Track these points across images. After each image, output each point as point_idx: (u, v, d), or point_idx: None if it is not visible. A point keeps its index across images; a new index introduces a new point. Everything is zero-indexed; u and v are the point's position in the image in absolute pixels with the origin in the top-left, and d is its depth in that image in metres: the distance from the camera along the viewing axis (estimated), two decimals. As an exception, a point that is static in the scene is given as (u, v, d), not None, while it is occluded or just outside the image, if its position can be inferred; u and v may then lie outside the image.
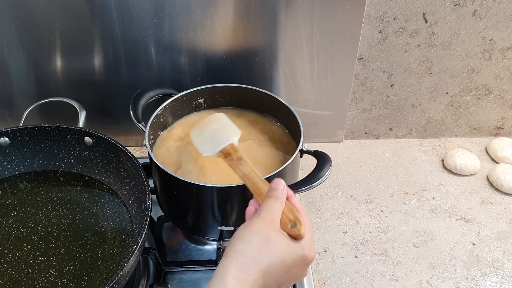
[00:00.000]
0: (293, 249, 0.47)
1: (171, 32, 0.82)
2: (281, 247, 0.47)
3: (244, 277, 0.44)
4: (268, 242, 0.46)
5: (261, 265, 0.45)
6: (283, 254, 0.46)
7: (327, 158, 0.67)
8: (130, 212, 0.74)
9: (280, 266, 0.46)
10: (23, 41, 0.82)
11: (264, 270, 0.45)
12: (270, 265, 0.46)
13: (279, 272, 0.46)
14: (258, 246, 0.46)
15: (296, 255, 0.47)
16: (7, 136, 0.76)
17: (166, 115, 0.79)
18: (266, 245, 0.46)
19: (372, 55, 0.89)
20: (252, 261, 0.45)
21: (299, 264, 0.48)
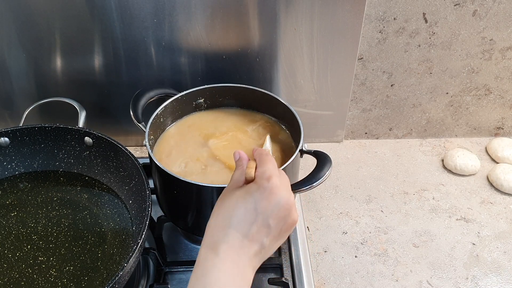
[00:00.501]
0: (246, 189, 0.51)
1: (171, 32, 0.82)
2: (234, 199, 0.51)
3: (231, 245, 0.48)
4: (223, 205, 0.51)
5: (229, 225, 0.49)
6: (238, 201, 0.50)
7: (327, 158, 0.67)
8: (130, 212, 0.74)
9: (245, 213, 0.49)
10: (23, 41, 0.82)
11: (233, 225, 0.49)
12: (238, 220, 0.49)
13: (249, 219, 0.49)
14: (222, 214, 0.51)
15: (251, 192, 0.50)
16: (7, 136, 0.76)
17: (166, 115, 0.79)
18: (226, 208, 0.51)
19: (372, 55, 0.89)
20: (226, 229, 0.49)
21: (260, 197, 0.49)
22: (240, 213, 0.49)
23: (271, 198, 0.50)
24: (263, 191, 0.50)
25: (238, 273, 0.48)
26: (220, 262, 0.47)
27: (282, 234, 0.51)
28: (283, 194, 0.50)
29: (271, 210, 0.49)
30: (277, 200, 0.50)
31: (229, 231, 0.49)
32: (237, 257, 0.48)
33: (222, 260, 0.48)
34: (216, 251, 0.48)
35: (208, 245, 0.49)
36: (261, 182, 0.50)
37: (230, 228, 0.49)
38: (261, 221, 0.49)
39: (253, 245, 0.49)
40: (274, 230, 0.50)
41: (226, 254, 0.48)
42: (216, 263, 0.47)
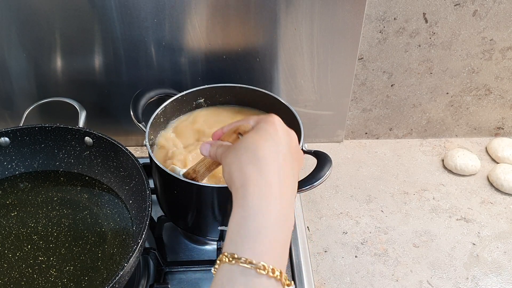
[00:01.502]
0: (256, 131, 0.49)
1: (171, 32, 0.82)
2: (247, 138, 0.49)
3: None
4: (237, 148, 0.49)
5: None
6: (252, 137, 0.48)
7: (327, 158, 0.67)
8: (130, 212, 0.74)
9: (263, 144, 0.47)
10: (23, 41, 0.82)
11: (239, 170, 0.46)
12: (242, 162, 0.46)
13: (271, 148, 0.47)
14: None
15: (259, 130, 0.49)
16: (7, 136, 0.76)
17: (166, 115, 0.79)
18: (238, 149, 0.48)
19: (373, 55, 0.89)
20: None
21: (272, 129, 0.49)
22: (263, 146, 0.47)
23: (281, 129, 0.50)
24: (271, 124, 0.49)
25: (284, 215, 0.44)
26: (264, 202, 0.43)
27: (297, 167, 0.51)
28: (288, 129, 0.51)
29: (285, 139, 0.49)
30: (285, 131, 0.50)
31: (262, 165, 0.45)
32: (279, 194, 0.44)
33: (266, 199, 0.44)
34: (257, 188, 0.44)
35: (244, 183, 0.45)
36: (265, 119, 0.50)
37: (261, 162, 0.46)
38: (283, 150, 0.47)
39: (287, 177, 0.46)
40: (294, 161, 0.49)
41: (268, 191, 0.44)
42: (260, 204, 0.43)
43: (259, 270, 0.40)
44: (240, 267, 0.40)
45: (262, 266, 0.40)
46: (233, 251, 0.41)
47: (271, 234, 0.42)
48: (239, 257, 0.41)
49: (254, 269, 0.40)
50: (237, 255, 0.41)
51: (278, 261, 0.41)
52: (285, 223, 0.44)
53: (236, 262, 0.40)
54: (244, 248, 0.41)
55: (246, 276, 0.40)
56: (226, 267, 0.41)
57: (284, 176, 0.46)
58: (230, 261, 0.41)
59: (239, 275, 0.40)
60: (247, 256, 0.41)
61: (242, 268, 0.40)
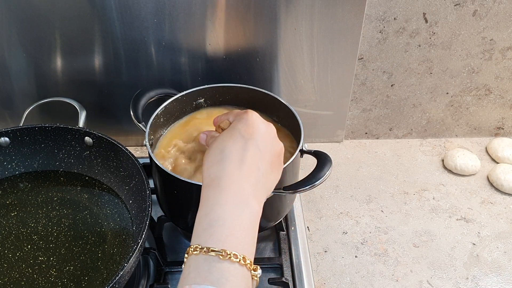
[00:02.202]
0: (227, 130, 0.54)
1: (172, 32, 0.82)
2: (220, 138, 0.53)
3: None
4: (211, 148, 0.53)
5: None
6: (223, 137, 0.52)
7: (327, 158, 0.67)
8: (130, 212, 0.74)
9: (233, 143, 0.51)
10: (23, 41, 0.82)
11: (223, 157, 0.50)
12: (229, 151, 0.50)
13: (239, 146, 0.51)
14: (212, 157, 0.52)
15: (233, 126, 0.53)
16: (7, 136, 0.76)
17: (166, 115, 0.79)
18: (214, 148, 0.52)
19: (373, 55, 0.89)
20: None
21: (243, 126, 0.52)
22: (229, 145, 0.51)
23: (254, 124, 0.52)
24: (244, 121, 0.53)
25: (242, 204, 0.47)
26: (222, 196, 0.47)
27: (274, 162, 0.53)
28: (262, 121, 0.54)
29: (256, 134, 0.52)
30: (259, 126, 0.53)
31: (224, 163, 0.49)
32: (238, 186, 0.48)
33: (224, 193, 0.47)
34: (216, 186, 0.48)
35: (207, 184, 0.49)
36: (239, 116, 0.54)
37: (224, 161, 0.49)
38: (251, 146, 0.51)
39: (251, 171, 0.49)
40: (265, 154, 0.52)
41: (226, 186, 0.47)
42: (218, 199, 0.47)
43: (221, 256, 0.42)
44: (204, 256, 0.43)
45: (224, 252, 0.43)
46: (197, 243, 0.44)
47: (229, 223, 0.45)
48: (203, 247, 0.43)
49: (217, 255, 0.42)
50: (201, 246, 0.43)
51: (240, 248, 0.44)
52: (243, 210, 0.46)
53: (200, 252, 0.43)
54: (206, 238, 0.44)
55: (209, 263, 0.42)
56: (193, 258, 0.43)
57: (246, 172, 0.49)
58: (196, 251, 0.43)
59: (203, 263, 0.43)
60: (209, 245, 0.43)
61: (206, 256, 0.43)
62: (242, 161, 0.49)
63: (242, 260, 0.43)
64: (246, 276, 0.44)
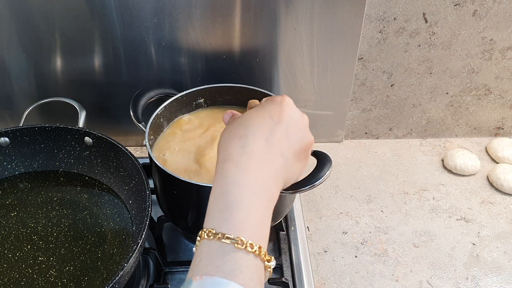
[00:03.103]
0: (256, 107, 0.50)
1: (171, 32, 0.82)
2: (246, 114, 0.49)
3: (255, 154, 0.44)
4: (234, 122, 0.48)
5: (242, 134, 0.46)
6: (251, 114, 0.48)
7: (327, 158, 0.67)
8: (130, 212, 0.74)
9: (261, 120, 0.47)
10: (23, 41, 0.82)
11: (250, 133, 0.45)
12: (255, 127, 0.46)
13: (267, 125, 0.46)
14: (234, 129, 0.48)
15: (263, 104, 0.50)
16: (7, 136, 0.76)
17: (166, 115, 0.79)
18: (238, 123, 0.48)
19: (372, 55, 0.89)
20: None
21: (275, 108, 0.48)
22: (257, 122, 0.46)
23: (286, 109, 0.48)
24: (277, 103, 0.48)
25: (262, 189, 0.42)
26: (242, 176, 0.42)
27: (301, 153, 0.49)
28: (297, 109, 0.49)
29: (288, 119, 0.47)
30: (292, 112, 0.48)
31: (247, 140, 0.44)
32: (259, 167, 0.43)
33: (244, 173, 0.42)
34: (235, 163, 0.43)
35: (225, 159, 0.43)
36: (272, 97, 0.50)
37: (248, 137, 0.44)
38: (280, 129, 0.46)
39: (276, 155, 0.45)
40: (294, 142, 0.47)
41: (247, 164, 0.43)
42: (237, 178, 0.42)
43: (237, 244, 0.39)
44: (218, 242, 0.39)
45: (240, 241, 0.39)
46: (212, 227, 0.41)
47: (247, 208, 0.41)
48: (217, 232, 0.40)
49: (232, 243, 0.39)
50: (215, 230, 0.40)
51: (256, 236, 0.40)
52: (263, 195, 0.42)
53: (214, 237, 0.40)
54: (222, 223, 0.40)
55: (224, 250, 0.39)
56: (205, 243, 0.40)
57: (270, 155, 0.45)
58: (209, 236, 0.40)
59: (217, 250, 0.39)
60: (225, 231, 0.40)
61: (220, 243, 0.39)
62: (268, 141, 0.45)
63: (257, 250, 0.40)
64: (260, 268, 0.40)
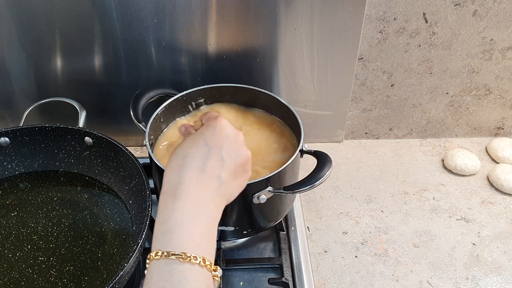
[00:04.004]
0: (196, 132, 0.54)
1: (172, 32, 0.82)
2: (185, 142, 0.53)
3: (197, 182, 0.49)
4: (176, 151, 0.53)
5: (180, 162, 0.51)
6: (188, 142, 0.53)
7: (327, 158, 0.67)
8: (130, 212, 0.74)
9: (197, 150, 0.51)
10: (23, 41, 0.82)
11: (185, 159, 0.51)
12: (191, 158, 0.51)
13: (202, 154, 0.51)
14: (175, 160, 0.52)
15: (200, 131, 0.53)
16: (7, 136, 0.76)
17: (166, 115, 0.79)
18: (178, 153, 0.53)
19: (373, 55, 0.89)
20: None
21: (210, 134, 0.52)
22: (193, 152, 0.51)
23: (220, 133, 0.52)
24: (211, 128, 0.53)
25: (200, 210, 0.48)
26: (180, 203, 0.47)
27: (238, 170, 0.53)
28: (231, 129, 0.54)
29: (221, 143, 0.52)
30: (226, 133, 0.53)
31: (184, 170, 0.49)
32: (196, 194, 0.48)
33: (182, 200, 0.47)
34: (174, 194, 0.48)
35: (166, 191, 0.49)
36: (208, 122, 0.54)
37: (185, 168, 0.50)
38: (213, 155, 0.51)
39: (211, 179, 0.50)
40: (229, 163, 0.52)
41: (185, 193, 0.48)
42: (176, 205, 0.47)
43: (182, 259, 0.44)
44: (165, 260, 0.44)
45: (183, 254, 0.44)
46: (158, 248, 0.45)
47: (187, 227, 0.46)
48: (163, 251, 0.44)
49: (177, 258, 0.44)
50: (161, 250, 0.45)
51: (199, 249, 0.45)
52: (201, 216, 0.48)
53: (161, 257, 0.44)
54: (166, 243, 0.45)
55: (170, 265, 0.44)
56: (154, 263, 0.45)
57: (207, 179, 0.50)
58: (156, 256, 0.45)
59: (164, 266, 0.44)
60: (169, 250, 0.44)
61: (167, 260, 0.44)
62: (202, 169, 0.50)
63: (202, 261, 0.44)
64: (206, 276, 0.45)
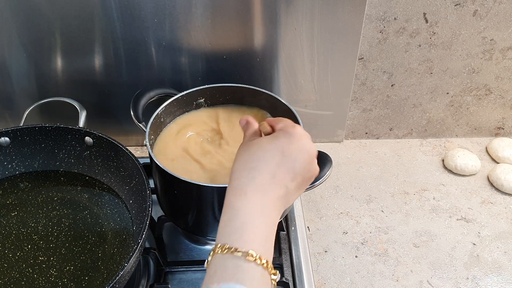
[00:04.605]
0: (272, 136, 0.53)
1: (172, 32, 0.82)
2: (259, 143, 0.52)
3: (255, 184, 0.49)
4: (249, 150, 0.53)
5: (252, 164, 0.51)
6: (263, 145, 0.52)
7: (328, 158, 0.67)
8: (130, 212, 0.74)
9: (272, 155, 0.51)
10: (24, 41, 0.82)
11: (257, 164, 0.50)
12: (264, 162, 0.50)
13: (276, 161, 0.50)
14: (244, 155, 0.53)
15: (277, 136, 0.52)
16: (8, 136, 0.76)
17: (166, 115, 0.79)
18: (251, 153, 0.52)
19: (373, 55, 0.89)
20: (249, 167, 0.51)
21: (287, 141, 0.51)
22: (267, 156, 0.50)
23: (298, 143, 0.51)
24: (289, 136, 0.52)
25: (264, 214, 0.48)
26: (247, 203, 0.48)
27: (304, 183, 0.52)
28: (309, 141, 0.53)
29: (297, 154, 0.51)
30: (303, 145, 0.52)
31: (255, 173, 0.49)
32: (263, 198, 0.48)
33: (249, 201, 0.48)
34: (242, 193, 0.48)
35: (234, 189, 0.49)
36: (286, 129, 0.53)
37: (257, 170, 0.50)
38: (287, 164, 0.50)
39: (279, 187, 0.50)
40: (299, 176, 0.51)
41: (253, 195, 0.48)
42: (243, 205, 0.48)
43: (248, 257, 0.44)
44: (231, 256, 0.44)
45: (250, 254, 0.44)
46: (224, 242, 0.46)
47: (256, 228, 0.47)
48: (230, 247, 0.45)
49: (244, 256, 0.44)
50: (228, 246, 0.45)
51: (263, 252, 0.46)
52: (266, 220, 0.48)
53: (227, 252, 0.45)
54: (234, 241, 0.45)
55: (236, 262, 0.44)
56: (219, 257, 0.45)
57: (276, 187, 0.50)
58: (223, 251, 0.45)
59: (230, 262, 0.44)
60: (237, 246, 0.45)
61: (233, 256, 0.44)
62: (273, 176, 0.49)
63: (265, 264, 0.45)
64: (267, 279, 0.45)
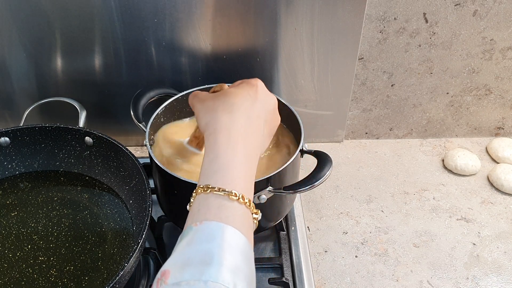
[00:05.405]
0: (235, 87, 0.57)
1: (172, 32, 0.82)
2: (227, 91, 0.56)
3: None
4: (218, 96, 0.56)
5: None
6: (230, 91, 0.55)
7: (328, 158, 0.67)
8: (130, 212, 0.74)
9: (244, 99, 0.54)
10: (24, 41, 0.82)
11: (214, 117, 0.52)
12: (239, 105, 0.53)
13: (249, 104, 0.53)
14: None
15: (242, 86, 0.56)
16: (8, 136, 0.76)
17: (166, 115, 0.79)
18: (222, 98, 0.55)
19: (373, 55, 0.89)
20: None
21: (253, 90, 0.55)
22: (239, 100, 0.53)
23: (263, 90, 0.56)
24: (251, 86, 0.56)
25: (248, 156, 0.50)
26: (231, 145, 0.49)
27: (271, 131, 0.57)
28: (268, 92, 0.57)
29: (262, 99, 0.55)
30: (266, 92, 0.56)
31: (234, 115, 0.51)
32: (245, 138, 0.50)
33: (233, 141, 0.49)
34: (227, 134, 0.50)
35: (216, 130, 0.50)
36: (247, 80, 0.57)
37: (234, 112, 0.52)
38: (257, 106, 0.54)
39: (257, 128, 0.52)
40: (267, 118, 0.55)
41: (236, 135, 0.50)
42: (227, 147, 0.49)
43: (231, 196, 0.46)
44: (214, 195, 0.46)
45: (234, 193, 0.46)
46: (207, 183, 0.47)
47: (238, 168, 0.48)
48: (213, 186, 0.46)
49: (227, 195, 0.46)
50: (211, 185, 0.46)
51: (245, 191, 0.47)
52: (247, 161, 0.50)
53: (210, 191, 0.46)
54: (216, 179, 0.47)
55: (220, 201, 0.45)
56: (202, 196, 0.46)
57: (252, 128, 0.52)
58: (205, 190, 0.46)
59: (214, 201, 0.46)
60: (220, 186, 0.46)
61: (216, 195, 0.46)
62: (249, 117, 0.52)
63: (248, 202, 0.46)
64: (249, 217, 0.47)
